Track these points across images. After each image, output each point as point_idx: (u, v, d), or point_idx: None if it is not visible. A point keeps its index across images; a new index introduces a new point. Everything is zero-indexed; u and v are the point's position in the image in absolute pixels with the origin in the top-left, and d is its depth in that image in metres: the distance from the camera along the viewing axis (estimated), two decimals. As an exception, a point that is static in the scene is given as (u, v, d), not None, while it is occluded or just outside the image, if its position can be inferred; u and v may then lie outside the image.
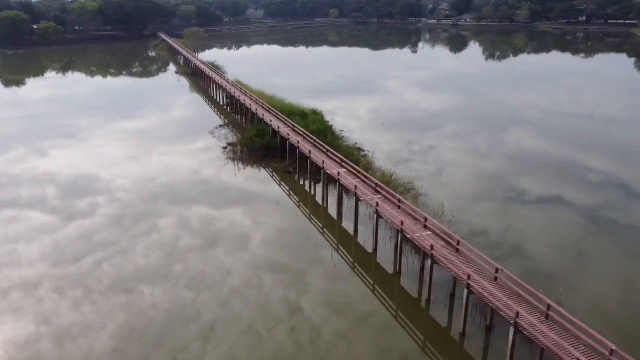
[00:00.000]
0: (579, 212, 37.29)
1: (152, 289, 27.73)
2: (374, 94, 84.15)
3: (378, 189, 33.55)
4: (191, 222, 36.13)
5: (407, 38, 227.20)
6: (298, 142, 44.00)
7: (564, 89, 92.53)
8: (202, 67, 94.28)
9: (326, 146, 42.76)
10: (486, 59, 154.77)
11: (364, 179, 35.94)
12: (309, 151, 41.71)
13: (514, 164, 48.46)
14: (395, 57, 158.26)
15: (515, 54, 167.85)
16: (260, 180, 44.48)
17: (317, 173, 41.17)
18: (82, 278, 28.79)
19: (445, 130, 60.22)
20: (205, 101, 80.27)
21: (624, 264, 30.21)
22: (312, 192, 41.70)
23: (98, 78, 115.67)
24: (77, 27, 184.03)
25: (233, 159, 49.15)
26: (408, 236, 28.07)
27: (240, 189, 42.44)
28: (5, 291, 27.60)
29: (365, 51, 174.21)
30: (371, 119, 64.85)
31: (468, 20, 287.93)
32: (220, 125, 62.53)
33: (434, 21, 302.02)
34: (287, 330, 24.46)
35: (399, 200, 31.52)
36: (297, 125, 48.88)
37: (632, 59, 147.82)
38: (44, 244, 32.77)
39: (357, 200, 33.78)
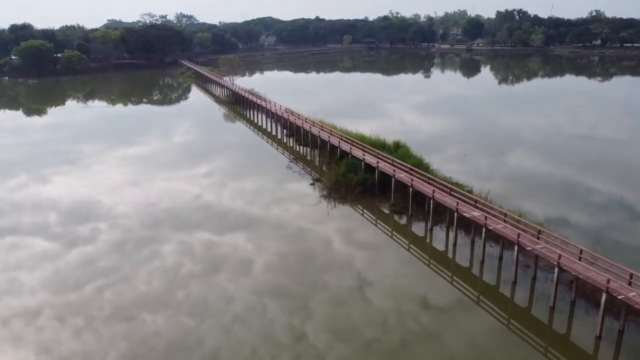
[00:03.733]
0: (583, 234, 36.31)
1: (155, 317, 27.29)
2: (385, 117, 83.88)
3: (541, 236, 29.57)
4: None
5: (420, 63, 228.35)
6: (412, 180, 39.92)
7: (577, 110, 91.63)
8: (249, 96, 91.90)
9: (449, 184, 38.45)
10: (499, 83, 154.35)
11: (520, 224, 31.72)
12: (433, 191, 37.26)
13: (516, 185, 47.79)
14: (408, 81, 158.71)
15: (529, 77, 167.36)
16: (362, 222, 40.72)
17: (435, 214, 37.68)
18: (84, 306, 28.42)
19: (449, 153, 59.59)
20: (256, 132, 76.14)
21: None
22: (421, 233, 38.17)
23: (136, 107, 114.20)
24: (99, 56, 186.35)
25: (327, 197, 45.00)
26: (620, 297, 23.69)
27: (348, 234, 38.22)
28: (6, 320, 27.28)
29: (378, 77, 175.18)
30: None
31: (481, 44, 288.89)
32: (293, 159, 58.67)
33: (447, 46, 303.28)
34: None
35: (581, 252, 27.12)
36: (396, 160, 44.95)
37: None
38: (45, 272, 32.52)
39: (519, 250, 29.43)
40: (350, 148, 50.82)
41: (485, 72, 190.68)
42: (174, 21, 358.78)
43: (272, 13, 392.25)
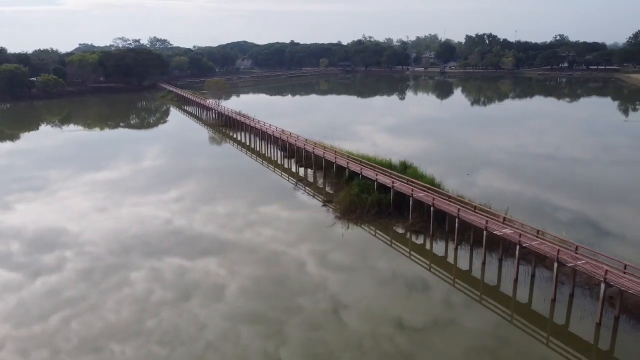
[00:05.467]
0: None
1: (124, 347, 26.38)
2: (358, 139, 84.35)
3: (580, 252, 29.19)
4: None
5: (395, 85, 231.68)
6: (434, 199, 39.87)
7: (544, 131, 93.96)
8: (240, 118, 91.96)
9: (474, 203, 38.59)
10: (472, 104, 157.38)
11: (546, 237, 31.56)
12: (458, 210, 37.04)
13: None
14: (383, 103, 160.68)
15: (500, 99, 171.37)
16: (381, 244, 40.34)
17: (459, 233, 37.44)
18: (49, 338, 27.29)
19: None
20: (249, 154, 74.86)
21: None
22: (441, 253, 37.95)
23: (113, 131, 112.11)
24: (76, 80, 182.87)
25: (341, 219, 44.44)
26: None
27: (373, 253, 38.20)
28: (-35, 355, 26.06)
29: (353, 99, 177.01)
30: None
31: (454, 67, 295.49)
32: (298, 181, 58.04)
33: (421, 69, 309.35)
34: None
35: (625, 266, 26.75)
36: (411, 179, 45.07)
37: (616, 102, 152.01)
38: (7, 303, 31.13)
39: (559, 266, 28.85)
40: (361, 169, 50.86)
41: (458, 93, 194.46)
42: (148, 45, 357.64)
43: (246, 37, 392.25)
